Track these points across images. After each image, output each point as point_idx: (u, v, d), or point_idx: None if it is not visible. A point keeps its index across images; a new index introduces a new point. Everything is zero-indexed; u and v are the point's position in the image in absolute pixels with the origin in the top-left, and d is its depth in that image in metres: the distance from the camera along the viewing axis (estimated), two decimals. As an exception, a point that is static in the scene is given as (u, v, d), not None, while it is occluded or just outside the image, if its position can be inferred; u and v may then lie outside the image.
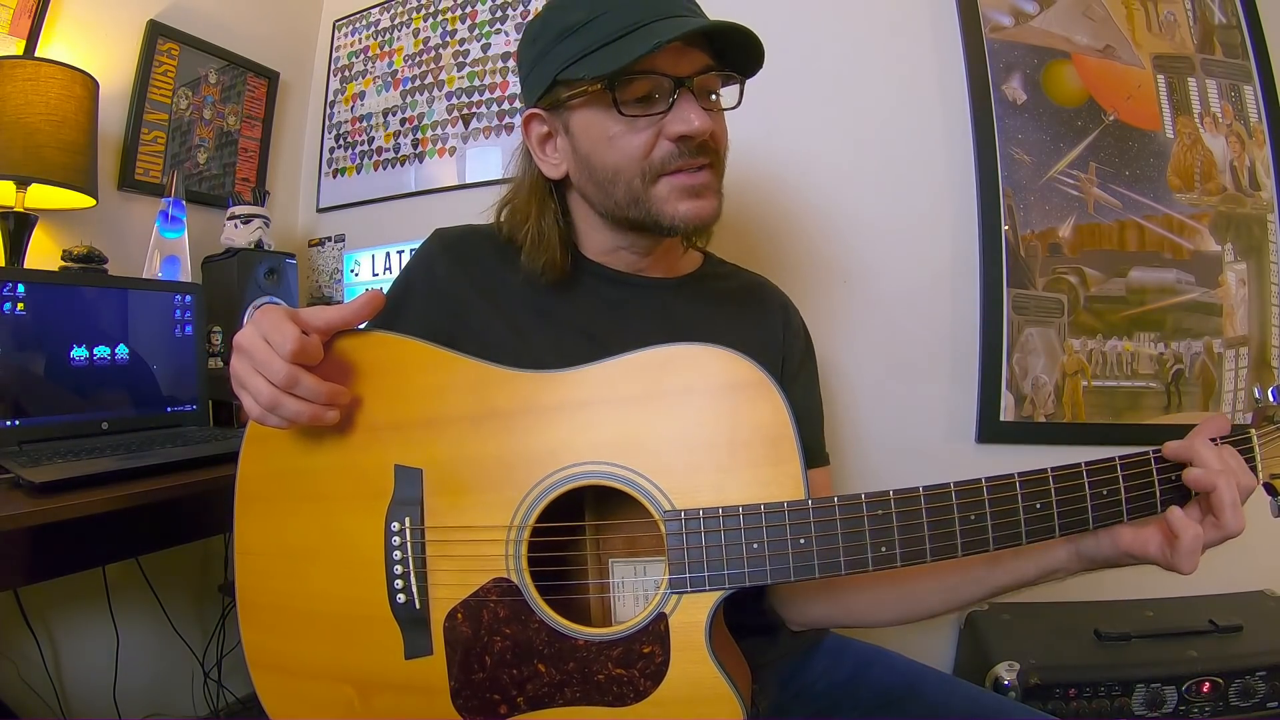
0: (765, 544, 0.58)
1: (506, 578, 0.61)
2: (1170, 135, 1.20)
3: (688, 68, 0.69)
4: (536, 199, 0.80)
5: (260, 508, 0.68)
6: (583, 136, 0.73)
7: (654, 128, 0.69)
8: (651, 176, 0.71)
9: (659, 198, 0.72)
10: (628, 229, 0.77)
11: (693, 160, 0.71)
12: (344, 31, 1.86)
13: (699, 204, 0.72)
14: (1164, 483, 0.58)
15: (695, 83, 0.69)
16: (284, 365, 0.59)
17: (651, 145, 0.70)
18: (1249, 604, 1.11)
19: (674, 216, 0.72)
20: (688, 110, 0.68)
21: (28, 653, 1.28)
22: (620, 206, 0.74)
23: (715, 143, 0.73)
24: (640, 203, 0.72)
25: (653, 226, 0.74)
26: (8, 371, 1.03)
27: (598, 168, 0.73)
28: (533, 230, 0.79)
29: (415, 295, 0.82)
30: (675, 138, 0.69)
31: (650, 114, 0.69)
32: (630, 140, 0.70)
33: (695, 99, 0.69)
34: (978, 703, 0.72)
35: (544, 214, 0.79)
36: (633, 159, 0.70)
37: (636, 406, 0.61)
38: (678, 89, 0.68)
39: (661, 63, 0.67)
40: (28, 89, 1.14)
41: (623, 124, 0.69)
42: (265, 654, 0.67)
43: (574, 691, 0.60)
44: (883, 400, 1.28)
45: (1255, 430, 0.58)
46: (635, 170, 0.71)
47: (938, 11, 1.26)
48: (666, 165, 0.70)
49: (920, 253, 1.27)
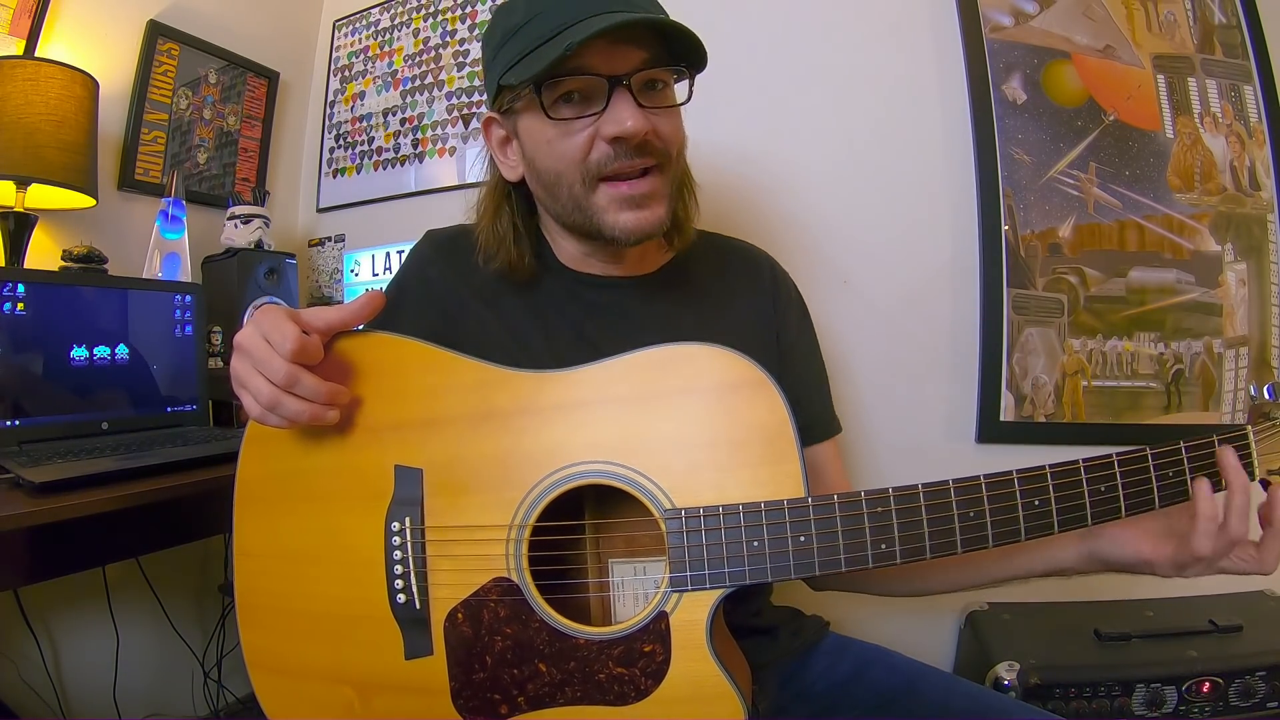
0: (765, 542, 0.58)
1: (507, 577, 0.61)
2: (1170, 135, 1.20)
3: (624, 65, 0.66)
4: (493, 201, 0.80)
5: (259, 509, 0.68)
6: (528, 140, 0.72)
7: (590, 129, 0.67)
8: (590, 180, 0.69)
9: (599, 207, 0.70)
10: (582, 236, 0.76)
11: (632, 162, 0.68)
12: (344, 31, 1.86)
13: (640, 215, 0.70)
14: (1161, 480, 0.58)
15: (635, 80, 0.66)
16: (284, 364, 0.59)
17: (588, 147, 0.68)
18: (1249, 604, 1.11)
19: (614, 227, 0.70)
20: (621, 110, 0.65)
21: (28, 653, 1.28)
22: (566, 212, 0.73)
23: (661, 142, 0.70)
24: (582, 209, 0.71)
25: (596, 235, 0.72)
26: (8, 371, 1.03)
27: (542, 172, 0.72)
28: (486, 231, 0.79)
29: (408, 297, 0.82)
30: (610, 139, 0.67)
31: (584, 115, 0.67)
32: (566, 144, 0.68)
33: (632, 98, 0.66)
34: (978, 702, 0.72)
35: (499, 216, 0.79)
36: (571, 162, 0.69)
37: (636, 406, 0.61)
38: (614, 88, 0.66)
39: (594, 62, 0.65)
40: (28, 89, 1.14)
41: (557, 128, 0.68)
42: (265, 655, 0.67)
43: (575, 691, 0.60)
44: (883, 400, 1.28)
45: (1251, 427, 0.58)
46: (575, 174, 0.69)
47: (938, 11, 1.26)
48: (604, 167, 0.68)
49: (920, 253, 1.27)
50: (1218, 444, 0.58)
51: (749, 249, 0.92)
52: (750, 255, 0.91)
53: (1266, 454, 0.58)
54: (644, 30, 0.66)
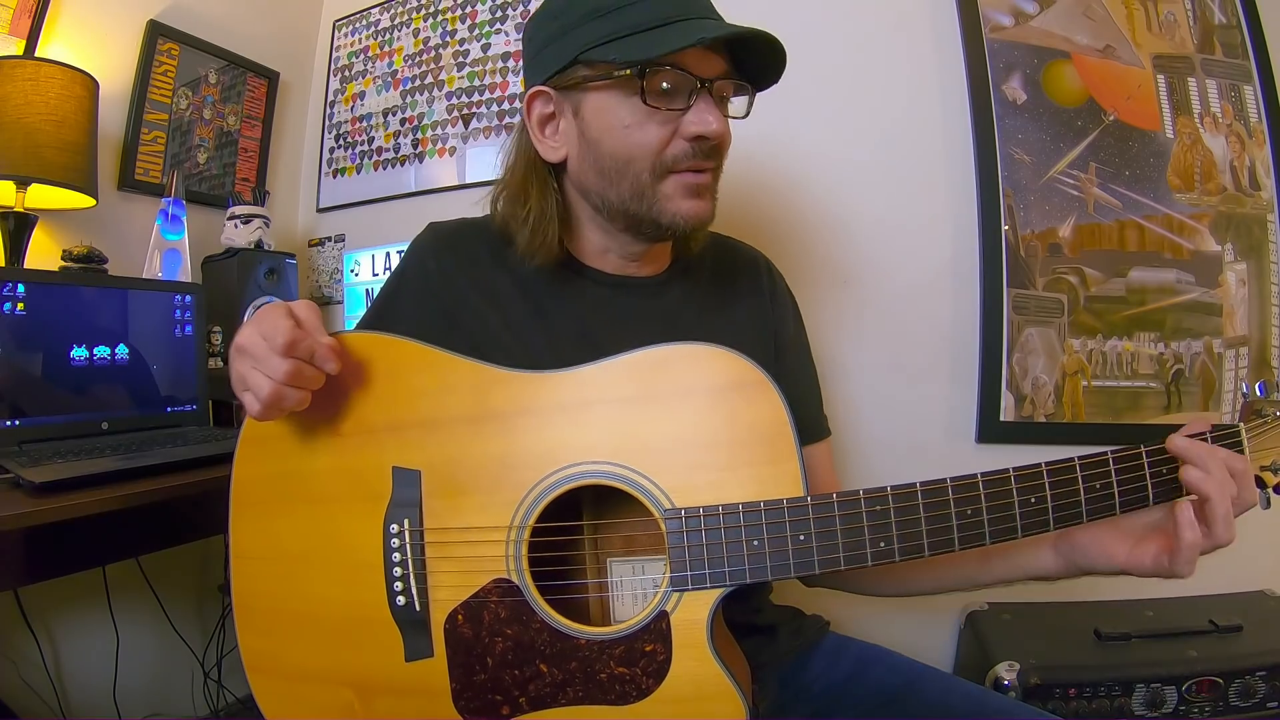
0: (765, 541, 0.58)
1: (507, 578, 0.61)
2: (1170, 135, 1.20)
3: (710, 70, 0.69)
4: (537, 179, 0.78)
5: (256, 510, 0.68)
6: (594, 121, 0.71)
7: (671, 124, 0.69)
8: (661, 172, 0.71)
9: (664, 194, 0.71)
10: (621, 228, 0.76)
11: (704, 163, 0.71)
12: (344, 31, 1.86)
13: (699, 204, 0.73)
14: (1155, 478, 0.58)
15: (715, 86, 0.70)
16: (283, 361, 0.58)
17: (667, 141, 0.70)
18: (1249, 604, 1.11)
19: (675, 214, 0.72)
20: (707, 112, 0.68)
21: (28, 653, 1.28)
22: (622, 199, 0.73)
23: (723, 148, 0.74)
24: (644, 197, 0.72)
25: (649, 224, 0.73)
26: (8, 371, 1.03)
27: (606, 155, 0.72)
28: (534, 208, 0.77)
29: (408, 288, 0.81)
30: (691, 137, 0.69)
31: (671, 109, 0.69)
32: (646, 131, 0.69)
33: (714, 102, 0.69)
34: (978, 702, 0.72)
35: (545, 195, 0.77)
36: (647, 151, 0.70)
37: (635, 406, 0.62)
38: (698, 89, 0.68)
39: (689, 61, 0.67)
40: (28, 89, 1.14)
41: (642, 114, 0.69)
42: (263, 658, 0.67)
43: (576, 691, 0.60)
44: (883, 400, 1.28)
45: (1243, 424, 0.59)
46: (646, 163, 0.70)
47: (938, 11, 1.26)
48: (678, 163, 0.70)
49: (920, 253, 1.27)
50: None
51: (746, 249, 0.93)
52: (748, 255, 0.92)
53: (1259, 450, 0.58)
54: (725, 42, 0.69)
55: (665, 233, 0.74)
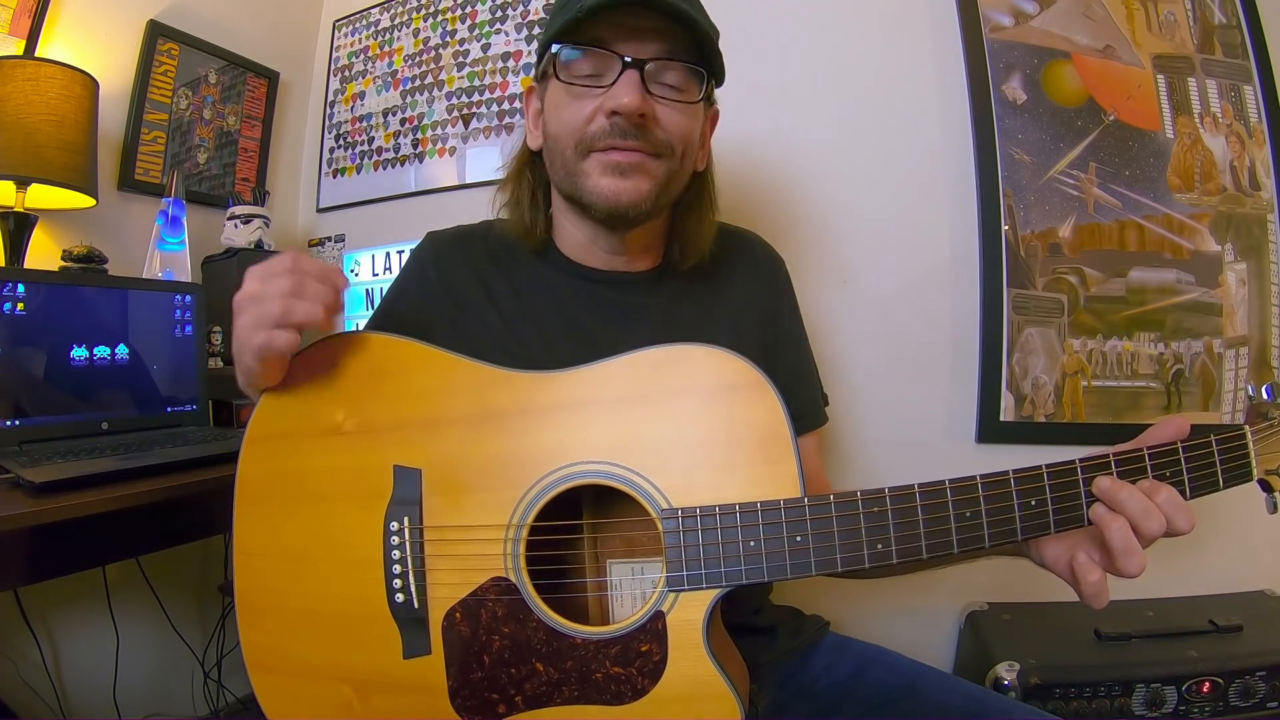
0: (762, 542, 0.58)
1: (505, 577, 0.61)
2: (1170, 135, 1.19)
3: (642, 51, 0.69)
4: (517, 165, 0.83)
5: (259, 508, 0.68)
6: (546, 106, 0.76)
7: (597, 101, 0.70)
8: (583, 150, 0.71)
9: (584, 172, 0.72)
10: (573, 204, 0.77)
11: (625, 141, 0.70)
12: (344, 31, 1.86)
13: (619, 183, 0.70)
14: (1157, 479, 0.57)
15: (651, 67, 0.69)
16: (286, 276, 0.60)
17: (590, 118, 0.70)
18: (1249, 604, 1.11)
19: (594, 191, 0.71)
20: (624, 87, 0.68)
21: (28, 653, 1.29)
22: (559, 180, 0.76)
23: (663, 132, 0.71)
24: (573, 176, 0.73)
25: (582, 205, 0.74)
26: (8, 371, 1.03)
27: (550, 137, 0.75)
28: (514, 191, 0.82)
29: (409, 298, 0.83)
30: (609, 113, 0.69)
31: (592, 87, 0.70)
32: (571, 109, 0.71)
33: (640, 80, 0.68)
34: (978, 702, 0.72)
35: (521, 179, 0.82)
36: (572, 128, 0.71)
37: (633, 406, 0.61)
38: (626, 68, 0.68)
39: (613, 40, 0.69)
40: (28, 89, 1.14)
41: (567, 93, 0.71)
42: (264, 654, 0.67)
43: (572, 690, 0.60)
44: (882, 400, 1.28)
45: (1250, 427, 0.58)
46: (571, 140, 0.72)
47: (937, 11, 1.26)
48: (597, 140, 0.70)
49: (920, 253, 1.27)
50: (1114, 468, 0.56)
51: (740, 233, 0.92)
52: (743, 240, 0.91)
53: (1265, 454, 0.58)
54: (671, 24, 0.68)
55: (597, 213, 0.73)
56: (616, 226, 0.76)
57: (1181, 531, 0.54)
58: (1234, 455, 0.57)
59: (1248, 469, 0.58)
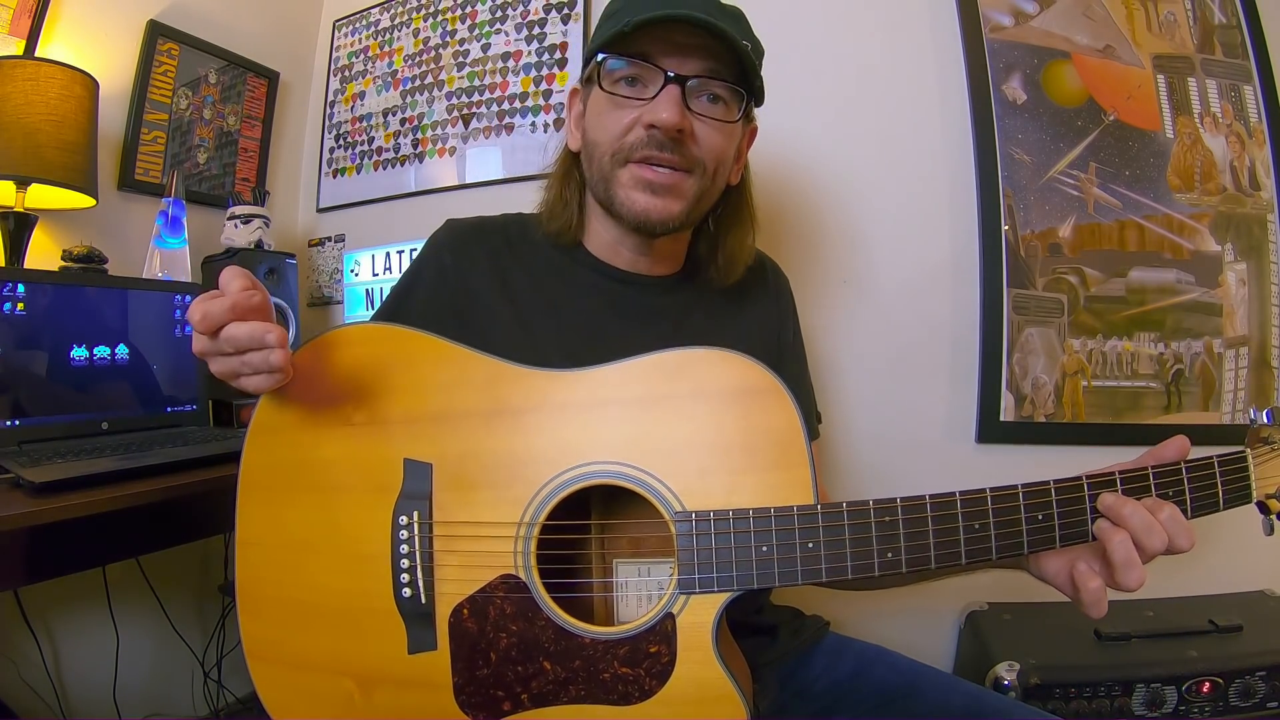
0: (774, 547, 0.58)
1: (514, 575, 0.61)
2: (1170, 135, 1.20)
3: (685, 68, 0.70)
4: (564, 164, 0.84)
5: (263, 497, 0.67)
6: (589, 111, 0.78)
7: (637, 112, 0.71)
8: (620, 159, 0.73)
9: (620, 182, 0.74)
10: (607, 211, 0.78)
11: (661, 154, 0.71)
12: (344, 31, 1.85)
13: (653, 201, 0.73)
14: (1161, 499, 0.57)
15: (694, 85, 0.71)
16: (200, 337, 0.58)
17: (629, 128, 0.72)
18: (1249, 604, 1.11)
19: (625, 204, 0.74)
20: (664, 102, 0.69)
21: (28, 653, 1.28)
22: (594, 184, 0.78)
23: (698, 148, 0.73)
24: (607, 182, 0.75)
25: (612, 209, 0.76)
26: (8, 371, 1.03)
27: (588, 141, 0.78)
28: (555, 191, 0.83)
29: (423, 284, 0.83)
30: (647, 125, 0.70)
31: (634, 98, 0.72)
32: (611, 118, 0.73)
33: (682, 97, 0.70)
34: (978, 702, 0.72)
35: (569, 179, 0.83)
36: (610, 136, 0.73)
37: (649, 408, 0.62)
38: (668, 83, 0.70)
39: (659, 56, 0.70)
40: (28, 89, 1.14)
41: (609, 101, 0.73)
42: (265, 646, 0.66)
43: (579, 689, 0.60)
44: (883, 400, 1.28)
45: (1250, 450, 0.59)
46: (608, 148, 0.74)
47: (938, 11, 1.26)
48: (634, 151, 0.72)
49: (920, 253, 1.27)
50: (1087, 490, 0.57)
51: (755, 251, 0.93)
52: (758, 259, 0.93)
53: (1263, 478, 0.58)
54: (716, 43, 0.69)
55: (626, 224, 0.76)
56: (643, 234, 0.78)
57: (1181, 549, 0.55)
58: (1235, 478, 0.58)
59: (1248, 491, 0.58)
